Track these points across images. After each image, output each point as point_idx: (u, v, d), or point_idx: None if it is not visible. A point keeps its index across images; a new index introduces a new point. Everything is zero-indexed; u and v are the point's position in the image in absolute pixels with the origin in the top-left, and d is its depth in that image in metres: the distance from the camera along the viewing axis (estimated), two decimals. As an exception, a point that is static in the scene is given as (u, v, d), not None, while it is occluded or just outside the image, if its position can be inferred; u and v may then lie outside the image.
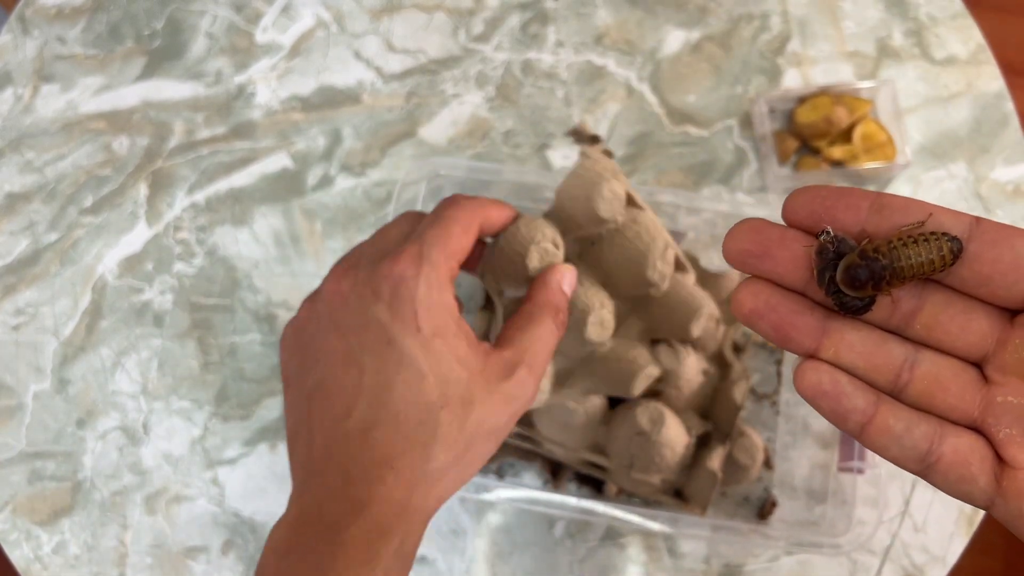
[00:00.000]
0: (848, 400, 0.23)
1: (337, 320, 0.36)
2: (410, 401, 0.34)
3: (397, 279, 0.35)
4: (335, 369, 0.35)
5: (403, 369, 0.34)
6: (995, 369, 0.24)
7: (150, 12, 0.67)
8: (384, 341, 0.34)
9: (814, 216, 0.24)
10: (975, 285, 0.23)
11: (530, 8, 0.67)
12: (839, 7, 0.67)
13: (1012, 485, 0.23)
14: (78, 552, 0.56)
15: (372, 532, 0.33)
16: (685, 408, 0.52)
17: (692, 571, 0.55)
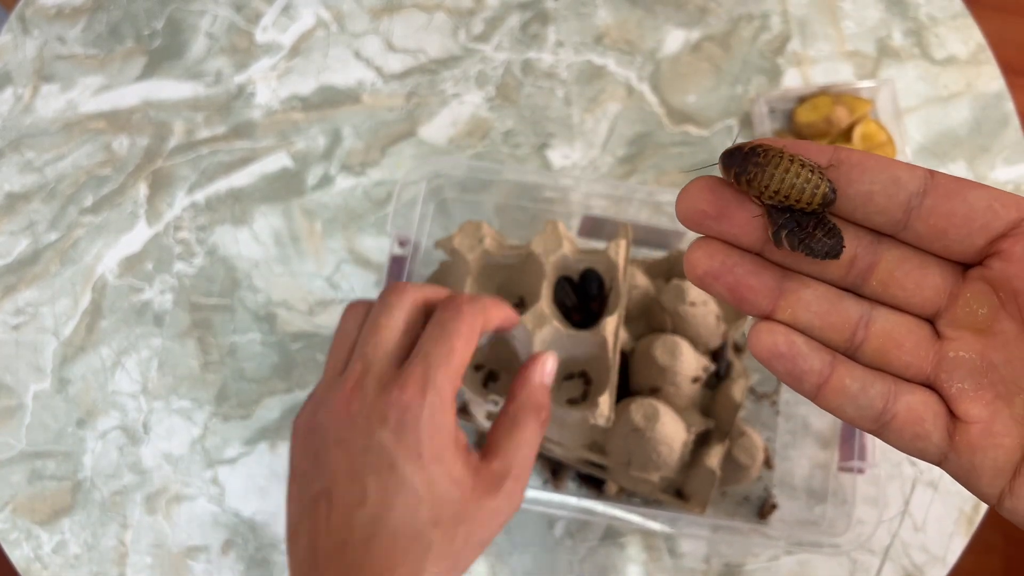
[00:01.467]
0: (804, 361, 0.23)
1: (344, 438, 0.38)
2: (407, 521, 0.37)
3: (404, 407, 0.37)
4: (341, 483, 0.38)
5: (402, 492, 0.37)
6: (947, 324, 0.24)
7: (150, 12, 0.67)
8: (387, 465, 0.37)
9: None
10: (930, 239, 0.23)
11: (530, 8, 0.67)
12: (839, 7, 0.67)
13: (963, 440, 0.23)
14: (78, 552, 0.56)
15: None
16: (686, 405, 0.52)
17: (692, 571, 0.55)
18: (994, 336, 0.23)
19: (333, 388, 0.39)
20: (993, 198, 0.22)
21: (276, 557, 0.55)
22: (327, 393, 0.40)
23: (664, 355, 0.51)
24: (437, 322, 0.39)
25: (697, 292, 0.53)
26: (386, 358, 0.39)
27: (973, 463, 0.23)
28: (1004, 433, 0.23)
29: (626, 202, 0.54)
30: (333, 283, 0.60)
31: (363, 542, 0.37)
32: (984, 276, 0.23)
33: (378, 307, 0.40)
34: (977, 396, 0.23)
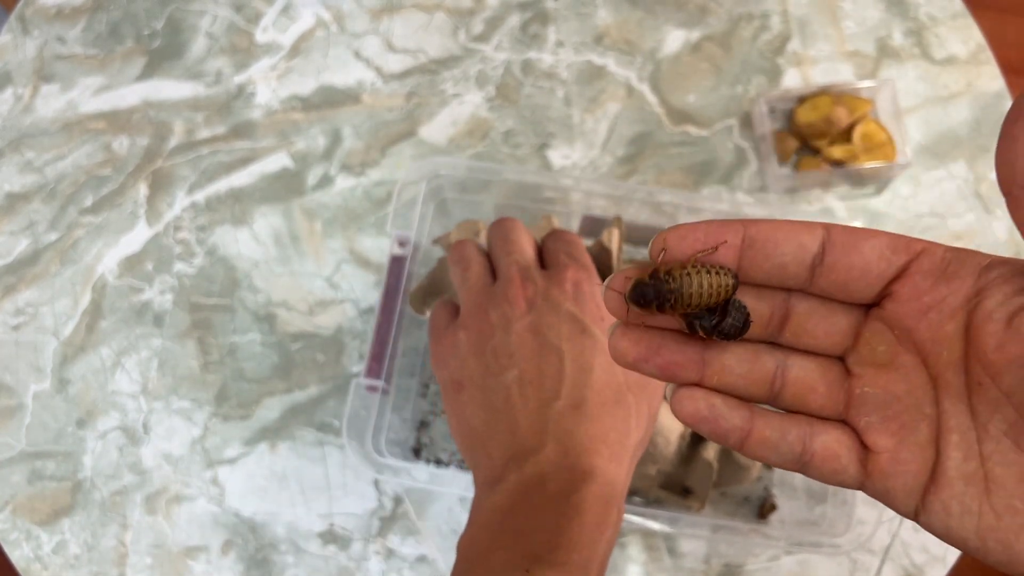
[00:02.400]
0: (725, 421, 0.25)
1: (528, 320, 0.40)
2: (606, 382, 0.39)
3: (575, 282, 0.41)
4: (535, 360, 0.40)
5: (598, 353, 0.39)
6: (854, 362, 0.26)
7: (150, 12, 0.67)
8: (579, 330, 0.40)
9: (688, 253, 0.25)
10: (833, 291, 0.25)
11: (530, 8, 0.67)
12: (839, 7, 0.67)
13: (875, 467, 0.25)
14: (78, 552, 0.56)
15: (599, 501, 0.36)
16: None
17: (692, 571, 0.55)
18: (896, 370, 0.25)
19: (496, 292, 0.42)
20: (884, 246, 0.24)
21: (276, 557, 0.55)
22: (490, 297, 0.42)
23: None
24: (556, 235, 0.45)
25: None
26: (533, 259, 0.43)
27: (886, 487, 0.25)
28: (910, 459, 0.25)
29: (626, 202, 0.54)
30: (333, 283, 0.60)
31: (574, 408, 0.38)
32: (880, 316, 0.25)
33: (502, 231, 0.45)
34: (883, 428, 0.25)
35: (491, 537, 0.36)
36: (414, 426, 0.57)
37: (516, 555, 0.35)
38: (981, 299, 0.23)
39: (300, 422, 0.57)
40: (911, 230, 0.61)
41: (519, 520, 0.36)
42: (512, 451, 0.38)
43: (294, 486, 0.57)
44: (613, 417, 0.39)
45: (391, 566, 0.55)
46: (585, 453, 0.37)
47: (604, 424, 0.38)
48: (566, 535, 0.35)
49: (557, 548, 0.35)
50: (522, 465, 0.38)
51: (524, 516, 0.36)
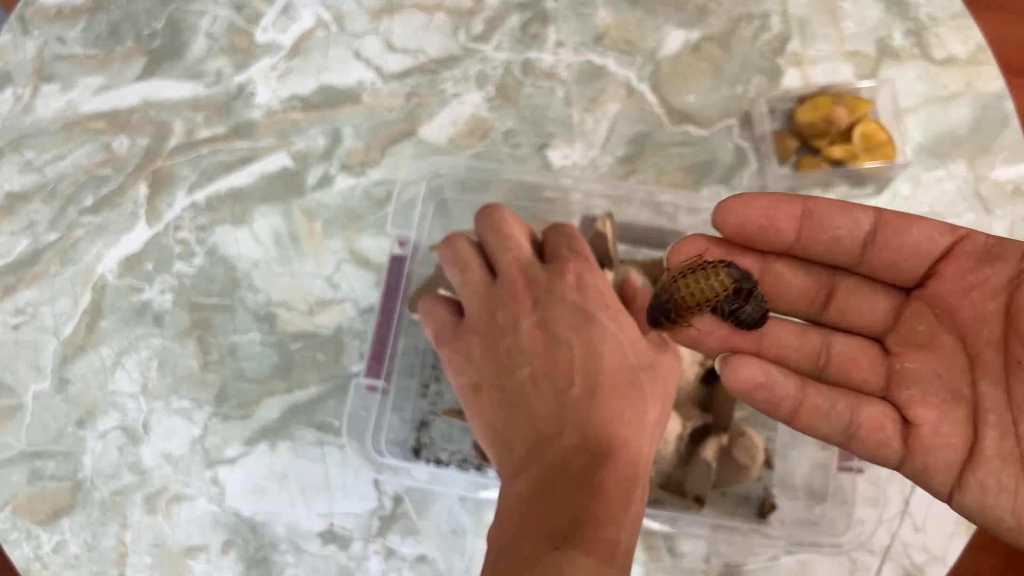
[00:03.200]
0: (780, 388, 0.25)
1: (535, 318, 0.41)
2: (618, 366, 0.40)
3: (577, 273, 0.42)
4: (546, 354, 0.40)
5: (607, 339, 0.40)
6: (894, 342, 0.27)
7: (150, 12, 0.67)
8: (585, 319, 0.40)
9: (747, 226, 0.25)
10: (883, 270, 0.26)
11: (530, 8, 0.67)
12: (839, 7, 0.67)
13: (916, 441, 0.26)
14: (78, 552, 0.56)
15: (622, 479, 0.37)
16: (683, 401, 0.52)
17: (692, 571, 0.55)
18: (935, 350, 0.26)
19: (500, 292, 0.42)
20: (932, 228, 0.25)
21: (276, 557, 0.55)
22: (495, 298, 0.43)
23: None
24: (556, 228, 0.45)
25: None
26: (531, 253, 0.44)
27: (926, 463, 0.25)
28: (951, 433, 0.25)
29: (626, 202, 0.54)
30: (333, 283, 0.60)
31: (589, 395, 0.39)
32: (923, 296, 0.26)
33: (492, 222, 0.44)
34: (924, 401, 0.26)
35: (517, 525, 0.37)
36: (414, 426, 0.57)
37: (543, 537, 0.35)
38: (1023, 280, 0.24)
39: (300, 422, 0.57)
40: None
41: (543, 505, 0.36)
42: (532, 441, 0.39)
43: (294, 486, 0.57)
44: (628, 399, 0.39)
45: (391, 566, 0.55)
46: (603, 435, 0.38)
47: (620, 406, 0.39)
48: (591, 513, 0.35)
49: (583, 524, 0.35)
50: (543, 453, 0.38)
51: (548, 501, 0.36)
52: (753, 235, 0.25)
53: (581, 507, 0.36)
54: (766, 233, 0.25)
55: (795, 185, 0.62)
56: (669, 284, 0.26)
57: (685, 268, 0.25)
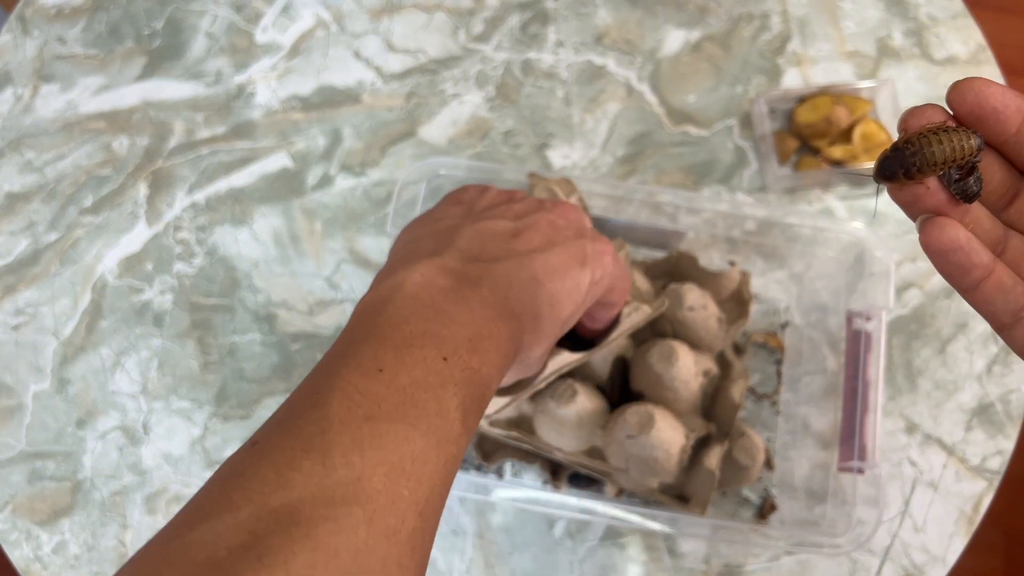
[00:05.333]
0: (977, 255, 0.27)
1: (552, 219, 0.41)
2: (562, 301, 0.39)
3: (604, 249, 0.42)
4: (533, 232, 0.40)
5: (576, 282, 0.40)
6: None
7: (150, 12, 0.67)
8: (579, 259, 0.40)
9: (983, 106, 0.27)
10: None
11: (530, 8, 0.67)
12: (839, 7, 0.67)
13: None
14: (78, 552, 0.56)
15: (514, 343, 0.36)
16: (687, 410, 0.52)
17: (692, 571, 0.55)
18: None
19: (544, 199, 0.44)
20: None
21: (276, 557, 0.55)
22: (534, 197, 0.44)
23: (659, 362, 0.51)
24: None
25: (695, 296, 0.53)
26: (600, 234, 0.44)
27: None
28: None
29: (626, 202, 0.54)
30: (333, 283, 0.60)
31: (534, 279, 0.38)
32: None
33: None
34: None
35: (409, 312, 0.34)
36: (414, 426, 0.57)
37: (438, 341, 0.33)
38: None
39: (300, 422, 0.57)
40: (911, 230, 0.61)
41: (451, 303, 0.34)
42: (461, 246, 0.38)
43: (294, 486, 0.56)
44: (550, 318, 0.38)
45: (391, 566, 0.55)
46: (522, 302, 0.37)
47: (542, 310, 0.38)
48: (485, 345, 0.34)
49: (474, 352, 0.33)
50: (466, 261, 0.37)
51: (455, 302, 0.35)
52: (985, 117, 0.26)
53: (478, 335, 0.34)
54: (997, 118, 0.26)
55: (795, 185, 0.62)
56: (918, 139, 0.26)
57: (929, 129, 0.26)
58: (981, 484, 0.57)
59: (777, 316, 0.59)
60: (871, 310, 0.52)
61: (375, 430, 0.28)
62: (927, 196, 0.27)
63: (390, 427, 0.29)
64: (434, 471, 0.29)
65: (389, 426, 0.29)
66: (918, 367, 0.58)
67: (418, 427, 0.29)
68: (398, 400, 0.30)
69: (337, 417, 0.28)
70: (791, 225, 0.54)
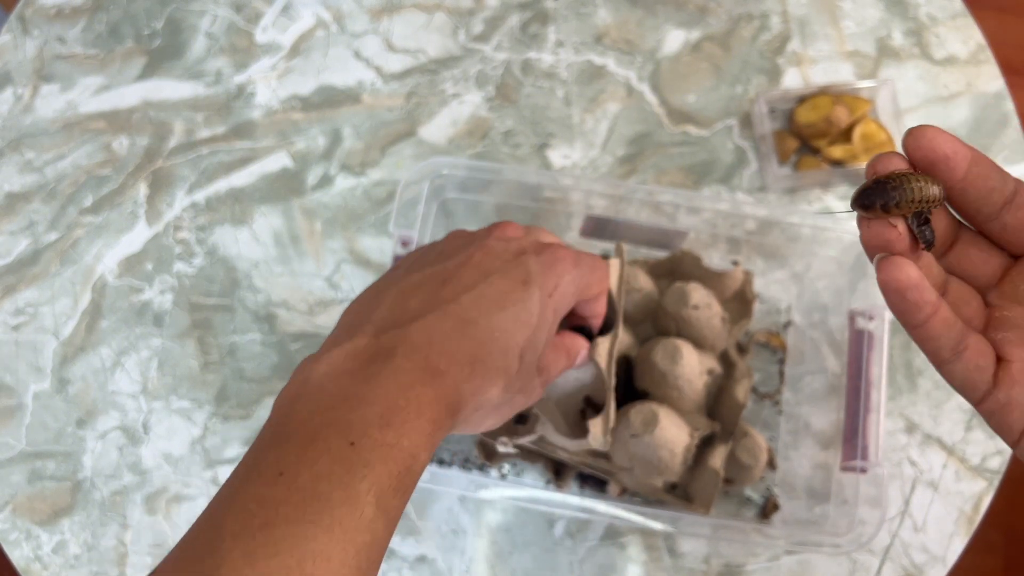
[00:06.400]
0: (927, 294, 0.28)
1: (491, 245, 0.40)
2: (510, 332, 0.37)
3: (557, 258, 0.40)
4: (465, 269, 0.38)
5: (521, 306, 0.38)
6: (995, 296, 0.31)
7: (150, 12, 0.67)
8: (521, 281, 0.38)
9: (936, 152, 0.28)
10: (1012, 229, 0.30)
11: (530, 8, 0.67)
12: (839, 7, 0.67)
13: (1005, 375, 0.29)
14: (78, 552, 0.56)
15: (442, 403, 0.34)
16: (691, 409, 0.52)
17: (692, 571, 0.55)
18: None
19: (484, 228, 0.42)
20: None
21: (276, 557, 0.55)
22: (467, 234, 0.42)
23: (664, 360, 0.51)
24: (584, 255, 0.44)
25: (700, 295, 0.53)
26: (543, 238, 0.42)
27: (1010, 397, 0.29)
28: None
29: (626, 202, 0.54)
30: (333, 283, 0.60)
31: (463, 322, 0.36)
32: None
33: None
34: (1018, 343, 0.30)
35: (317, 400, 0.33)
36: (414, 426, 0.57)
37: (344, 425, 0.32)
38: None
39: (300, 422, 0.57)
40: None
41: (359, 385, 0.33)
42: (377, 318, 0.37)
43: (294, 486, 0.56)
44: (492, 358, 0.37)
45: (391, 566, 0.55)
46: (447, 357, 0.35)
47: (479, 353, 0.36)
48: (400, 417, 0.32)
49: (388, 427, 0.32)
50: (380, 333, 0.36)
51: (364, 383, 0.33)
52: (936, 162, 0.28)
53: (393, 408, 0.32)
54: (947, 164, 0.28)
55: (795, 185, 0.62)
56: (899, 176, 0.28)
57: (905, 171, 0.28)
58: (981, 484, 0.57)
59: (779, 316, 0.59)
60: (873, 309, 0.52)
61: (270, 537, 0.28)
62: (898, 239, 0.29)
63: (288, 530, 0.28)
64: (341, 564, 0.29)
65: (287, 529, 0.28)
66: (918, 367, 0.58)
67: (320, 523, 0.29)
68: (298, 500, 0.29)
69: (230, 532, 0.28)
70: (792, 225, 0.54)
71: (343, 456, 0.30)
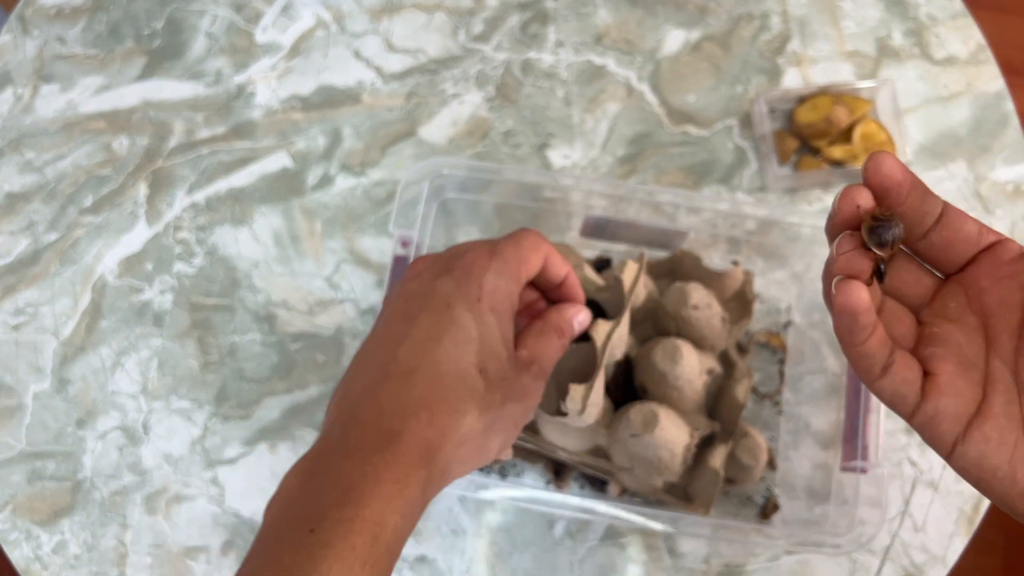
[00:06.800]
0: (872, 315, 0.30)
1: (408, 288, 0.40)
2: (455, 357, 0.37)
3: (469, 263, 0.40)
4: (391, 324, 0.39)
5: (454, 328, 0.38)
6: (928, 314, 0.33)
7: (150, 12, 0.67)
8: (443, 305, 0.38)
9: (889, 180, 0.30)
10: (938, 248, 0.32)
11: (530, 8, 0.67)
12: (839, 7, 0.67)
13: (932, 387, 0.31)
14: (78, 552, 0.56)
15: (402, 460, 0.34)
16: (691, 409, 0.52)
17: (692, 571, 0.55)
18: (960, 325, 0.32)
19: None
20: (982, 226, 0.32)
21: (276, 557, 0.55)
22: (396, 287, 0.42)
23: (664, 360, 0.51)
24: (507, 235, 0.43)
25: (700, 295, 0.53)
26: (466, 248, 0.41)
27: (937, 408, 0.31)
28: (964, 386, 0.31)
29: (626, 202, 0.54)
30: (333, 283, 0.60)
31: (405, 374, 0.36)
32: (960, 280, 0.32)
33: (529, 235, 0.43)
34: (945, 357, 0.31)
35: (284, 500, 0.34)
36: (414, 426, 0.57)
37: (302, 516, 0.33)
38: None
39: (300, 422, 0.57)
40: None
41: (318, 483, 0.34)
42: (338, 409, 0.37)
43: (294, 486, 0.56)
44: (448, 390, 0.36)
45: (391, 566, 0.55)
46: (399, 415, 0.35)
47: (433, 393, 0.36)
48: (357, 492, 0.33)
49: (346, 504, 0.32)
50: (333, 427, 0.36)
51: (324, 479, 0.34)
52: (887, 190, 0.30)
53: (348, 489, 0.33)
54: (898, 190, 0.30)
55: (795, 185, 0.62)
56: (890, 215, 0.30)
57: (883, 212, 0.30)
58: (981, 484, 0.57)
59: (779, 316, 0.59)
60: (872, 310, 0.52)
61: None
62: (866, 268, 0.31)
63: None
64: None
65: None
66: (918, 367, 0.58)
67: None
68: None
69: None
70: (792, 225, 0.54)
71: (303, 545, 0.31)
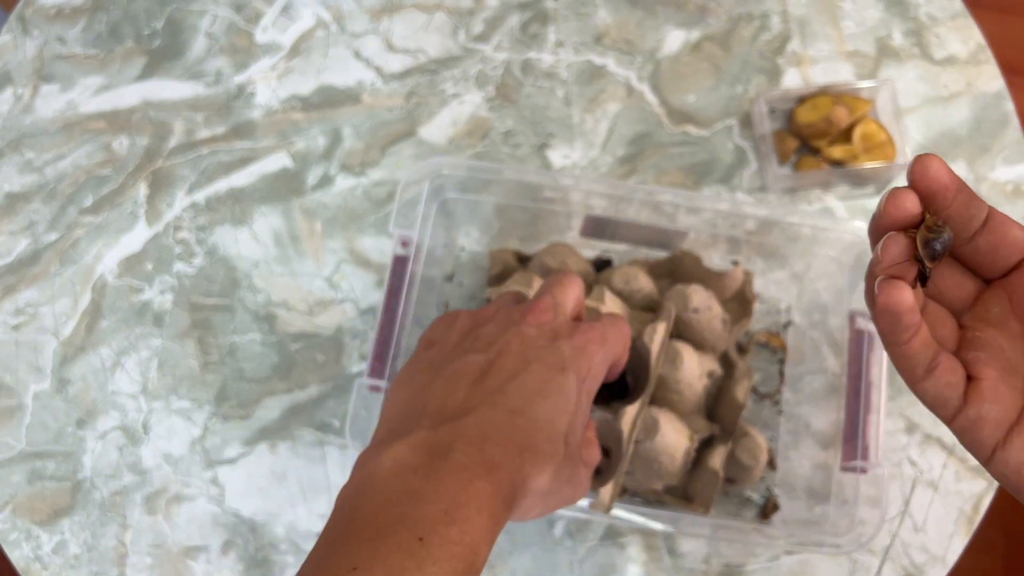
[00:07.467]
0: (916, 315, 0.30)
1: (525, 333, 0.40)
2: (553, 418, 0.38)
3: (585, 341, 0.41)
4: (505, 358, 0.39)
5: (562, 393, 0.39)
6: (969, 319, 0.33)
7: (150, 12, 0.67)
8: (559, 366, 0.39)
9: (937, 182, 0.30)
10: (984, 252, 0.32)
11: (530, 8, 0.67)
12: (839, 7, 0.67)
13: (975, 392, 0.31)
14: (78, 552, 0.56)
15: (498, 498, 0.34)
16: (691, 411, 0.52)
17: (692, 571, 0.55)
18: (1003, 329, 0.32)
19: (515, 307, 0.42)
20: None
21: (276, 557, 0.55)
22: (510, 302, 0.43)
23: (664, 364, 0.51)
24: (606, 317, 0.44)
25: (700, 298, 0.53)
26: (569, 308, 0.43)
27: (980, 413, 0.31)
28: (1007, 392, 0.31)
29: (626, 202, 0.54)
30: (333, 283, 0.60)
31: (510, 411, 0.37)
32: (1004, 284, 0.32)
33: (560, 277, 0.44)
34: (988, 362, 0.31)
35: (384, 494, 0.34)
36: (414, 426, 0.57)
37: (411, 520, 0.33)
38: None
39: (300, 422, 0.57)
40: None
41: (418, 482, 0.34)
42: (438, 414, 0.37)
43: (294, 486, 0.56)
44: (538, 447, 0.37)
45: (391, 566, 0.55)
46: (500, 451, 0.36)
47: (528, 442, 0.37)
48: (463, 513, 0.33)
49: (453, 523, 0.33)
50: (437, 428, 0.36)
51: (423, 479, 0.34)
52: (934, 193, 0.30)
53: (455, 503, 0.33)
54: (944, 193, 0.30)
55: (795, 185, 0.62)
56: (941, 223, 0.30)
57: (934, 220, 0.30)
58: (981, 484, 0.57)
59: (779, 316, 0.59)
60: (872, 310, 0.52)
61: None
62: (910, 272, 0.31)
63: None
64: None
65: None
66: (918, 367, 0.58)
67: None
68: None
69: None
70: (792, 225, 0.54)
71: (413, 552, 0.31)
